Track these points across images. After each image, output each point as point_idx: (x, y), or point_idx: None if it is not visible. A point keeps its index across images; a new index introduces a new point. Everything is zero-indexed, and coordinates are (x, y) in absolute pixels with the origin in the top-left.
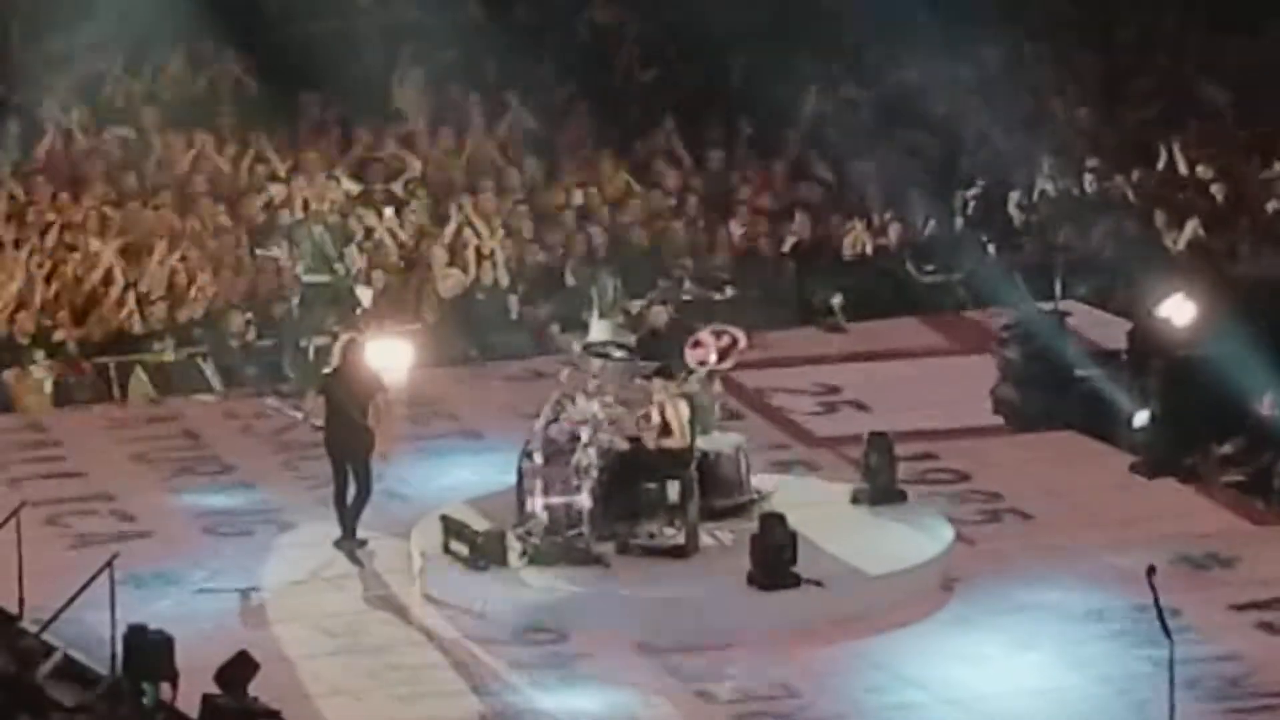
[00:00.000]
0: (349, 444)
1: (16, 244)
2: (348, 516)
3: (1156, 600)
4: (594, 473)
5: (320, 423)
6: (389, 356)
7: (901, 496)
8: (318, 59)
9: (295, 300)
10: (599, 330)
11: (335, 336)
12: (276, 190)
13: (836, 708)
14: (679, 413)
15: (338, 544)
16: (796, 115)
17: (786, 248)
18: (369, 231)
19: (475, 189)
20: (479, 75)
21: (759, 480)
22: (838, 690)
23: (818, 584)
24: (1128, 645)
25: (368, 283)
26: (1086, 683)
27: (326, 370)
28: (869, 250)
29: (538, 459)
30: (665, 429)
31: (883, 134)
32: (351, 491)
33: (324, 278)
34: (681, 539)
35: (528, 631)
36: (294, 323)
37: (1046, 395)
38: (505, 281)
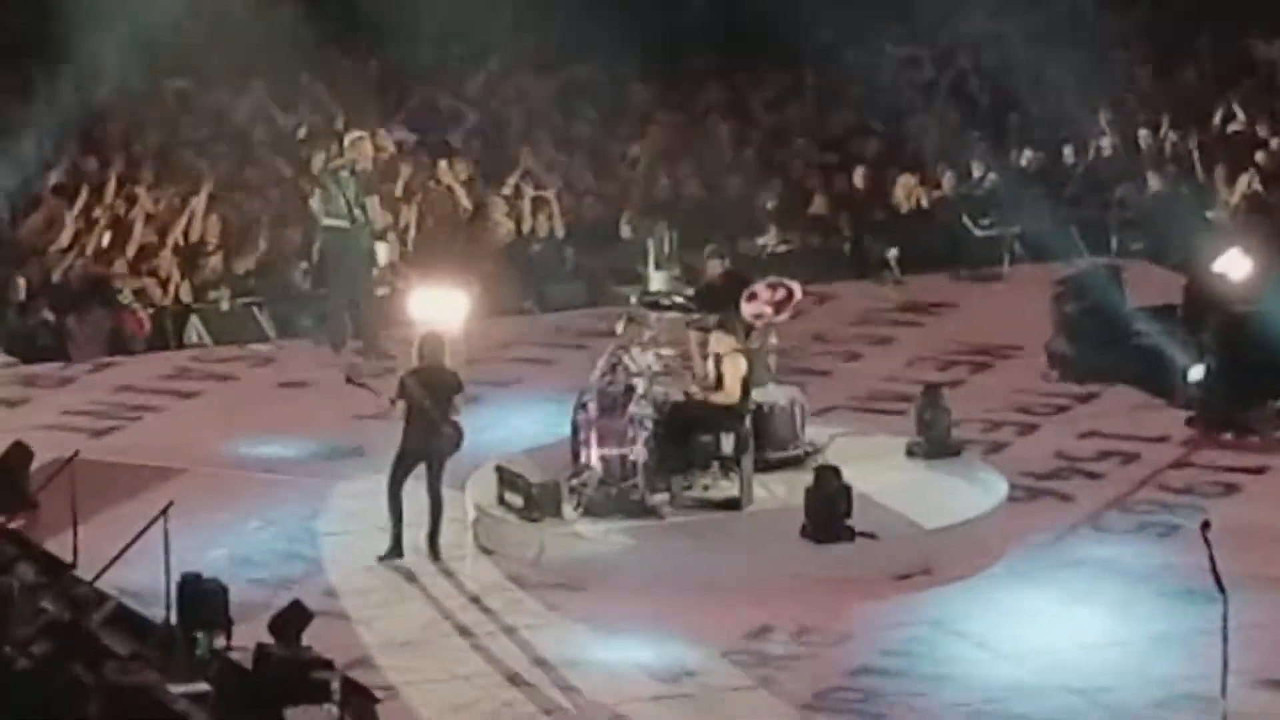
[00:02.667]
0: (430, 445)
1: (73, 193)
2: (430, 537)
3: (1211, 555)
4: (649, 425)
5: (400, 418)
6: (444, 307)
7: (956, 450)
8: (376, 8)
9: (315, 246)
10: (655, 282)
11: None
12: (333, 141)
13: (889, 662)
14: (735, 367)
15: (381, 558)
16: (855, 69)
17: (842, 202)
18: (425, 183)
19: (532, 140)
20: (540, 25)
21: (813, 433)
22: (891, 644)
23: (872, 537)
24: (1182, 600)
25: (384, 239)
26: (1141, 638)
27: (406, 371)
28: (924, 204)
29: (593, 411)
30: (719, 382)
31: (940, 88)
32: (401, 497)
33: (342, 223)
34: (736, 491)
35: (580, 582)
36: (341, 277)
37: (1101, 350)
38: (561, 233)
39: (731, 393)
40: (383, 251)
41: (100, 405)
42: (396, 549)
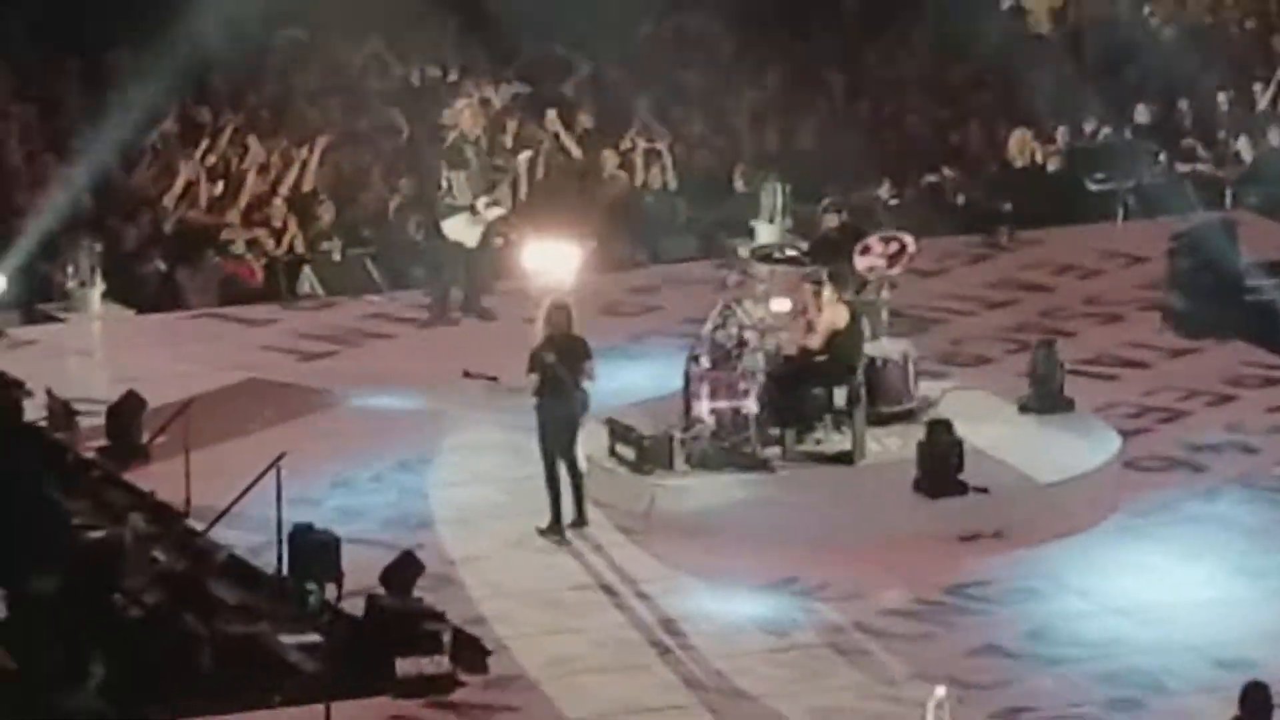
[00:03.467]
0: (567, 414)
1: (186, 144)
2: (576, 502)
3: None
4: (760, 378)
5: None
6: (556, 260)
7: (1069, 404)
8: None
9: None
10: (767, 235)
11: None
12: (447, 92)
13: (1001, 616)
14: (833, 317)
15: (542, 532)
16: (970, 22)
17: (956, 155)
18: (536, 135)
19: (644, 92)
20: None
21: (926, 387)
22: (1002, 598)
23: (984, 491)
24: None
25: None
26: (1254, 594)
27: (538, 344)
28: (1038, 158)
29: (704, 363)
30: (810, 331)
31: (1053, 42)
32: (558, 470)
33: (460, 214)
34: (848, 445)
35: (691, 536)
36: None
37: (1215, 305)
38: (674, 185)
39: (818, 337)
40: (492, 212)
41: (215, 351)
42: (557, 524)
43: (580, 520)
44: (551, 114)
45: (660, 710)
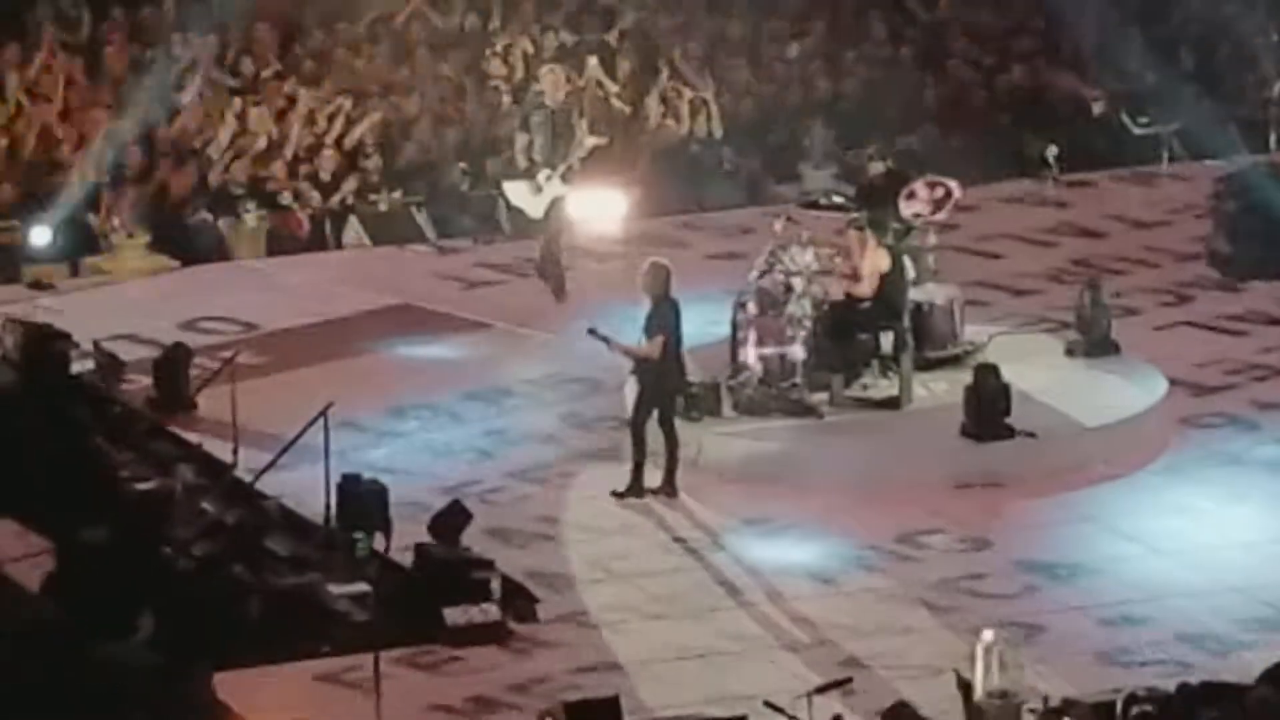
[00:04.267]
0: (668, 381)
1: (232, 92)
2: (668, 473)
3: None
4: (807, 324)
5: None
6: (600, 207)
7: (1115, 348)
8: None
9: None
10: (813, 181)
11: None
12: (500, 39)
13: (1048, 558)
14: (876, 262)
15: (619, 495)
16: None
17: (1001, 100)
18: (578, 83)
19: (687, 40)
20: None
21: (972, 331)
22: (1049, 542)
23: (1031, 435)
24: None
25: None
26: None
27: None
28: (1084, 102)
29: (751, 310)
30: (855, 277)
31: None
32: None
33: (527, 193)
34: (895, 390)
35: (740, 481)
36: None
37: (1261, 248)
38: (719, 133)
39: (867, 283)
40: (554, 188)
41: (262, 302)
42: (637, 486)
43: (670, 488)
44: (594, 62)
45: (709, 656)
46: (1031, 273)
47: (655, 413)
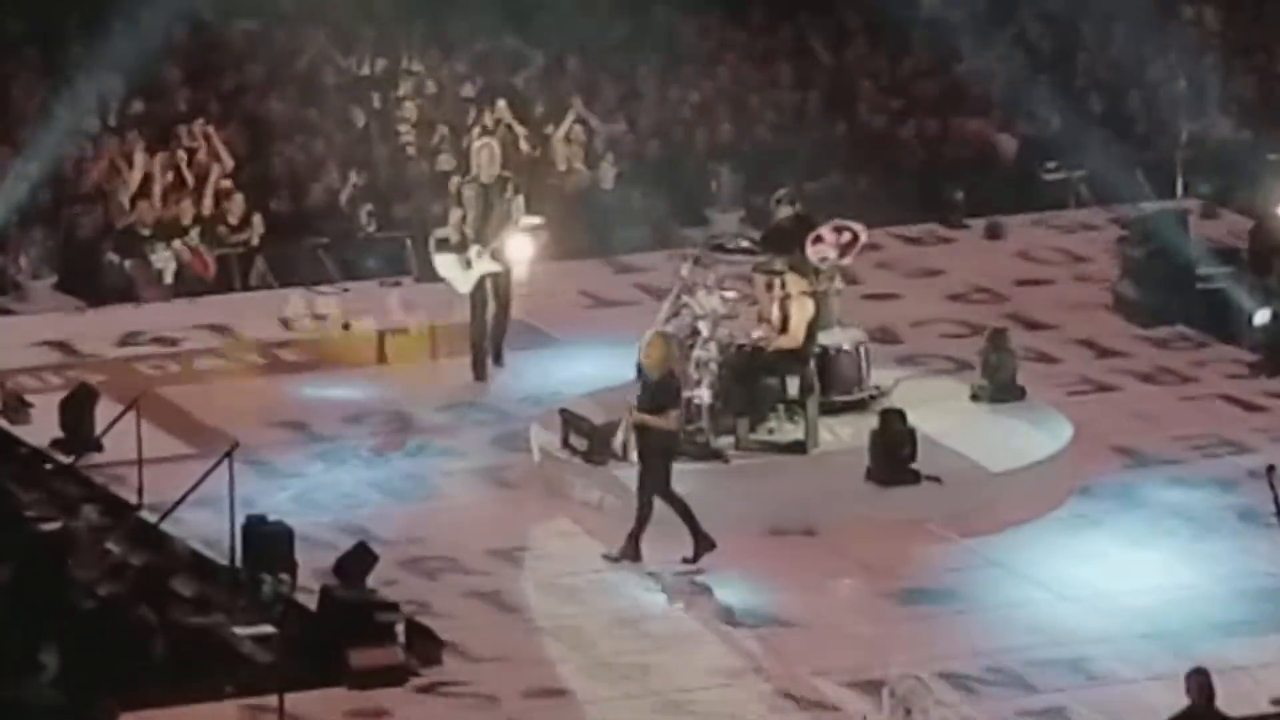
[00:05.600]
0: (672, 446)
1: (141, 134)
2: (693, 532)
3: (1276, 499)
4: (714, 367)
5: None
6: (510, 251)
7: (1021, 393)
8: None
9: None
10: (721, 225)
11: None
12: (402, 83)
13: (955, 605)
14: (802, 310)
15: (687, 560)
16: (916, 12)
17: (909, 145)
18: (486, 125)
19: (594, 83)
20: None
21: (878, 376)
22: (955, 587)
23: (937, 480)
24: (1248, 544)
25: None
26: (1206, 581)
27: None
28: (991, 147)
29: None
30: (784, 325)
31: (1001, 30)
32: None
33: (455, 266)
34: (801, 434)
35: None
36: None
37: (1167, 293)
38: (626, 176)
39: (796, 336)
40: (483, 265)
41: (167, 343)
42: (706, 542)
43: (706, 546)
44: (502, 105)
45: (609, 699)
46: (937, 317)
47: (651, 477)
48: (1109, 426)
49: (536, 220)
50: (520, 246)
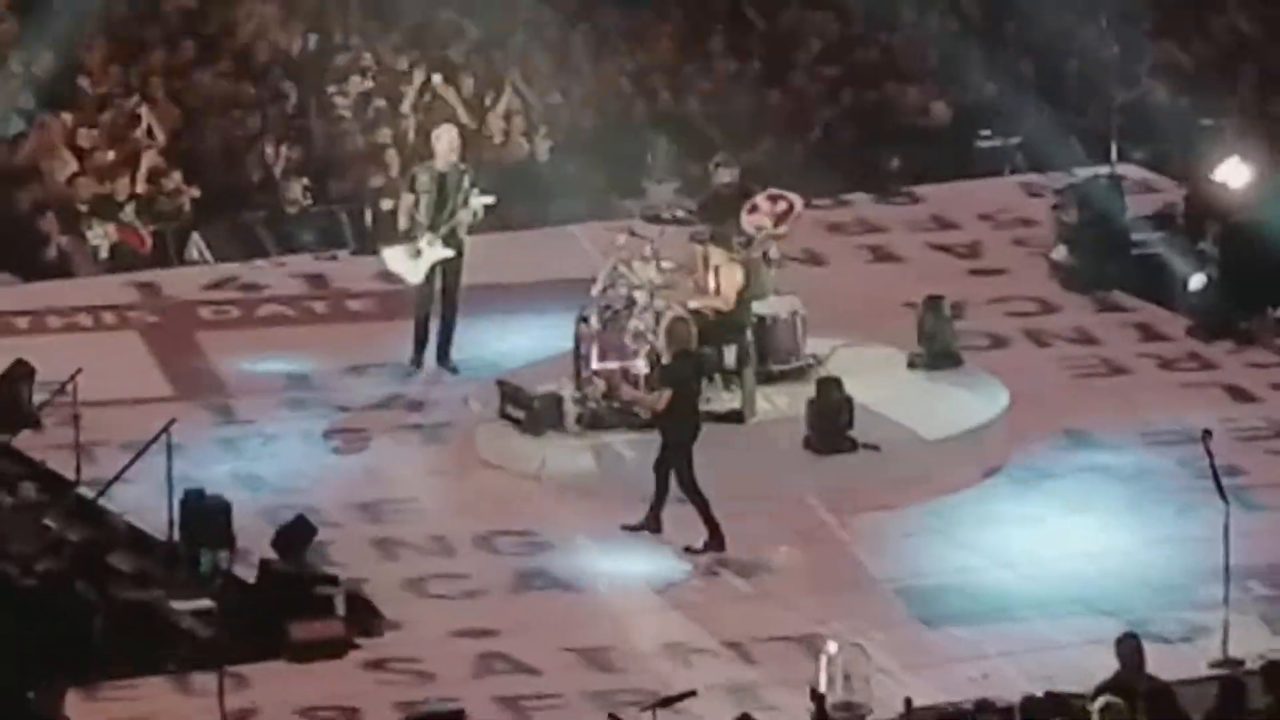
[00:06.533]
0: (693, 430)
1: (76, 109)
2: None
3: (1212, 463)
4: (650, 337)
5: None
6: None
7: (957, 360)
8: None
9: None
10: (657, 195)
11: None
12: (340, 59)
13: (891, 572)
14: (731, 277)
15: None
16: None
17: (845, 113)
18: (425, 99)
19: (530, 54)
20: None
21: (815, 345)
22: (893, 555)
23: (874, 448)
24: (1184, 509)
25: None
26: (1141, 545)
27: (668, 359)
28: (926, 114)
29: (594, 324)
30: (717, 294)
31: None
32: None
33: (407, 258)
34: (738, 404)
35: (582, 495)
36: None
37: (1102, 259)
38: (563, 147)
39: (727, 300)
40: (435, 253)
41: (103, 319)
42: (719, 540)
43: (717, 545)
44: (438, 79)
45: (550, 669)
46: (875, 285)
47: (673, 468)
48: (1046, 392)
49: (489, 200)
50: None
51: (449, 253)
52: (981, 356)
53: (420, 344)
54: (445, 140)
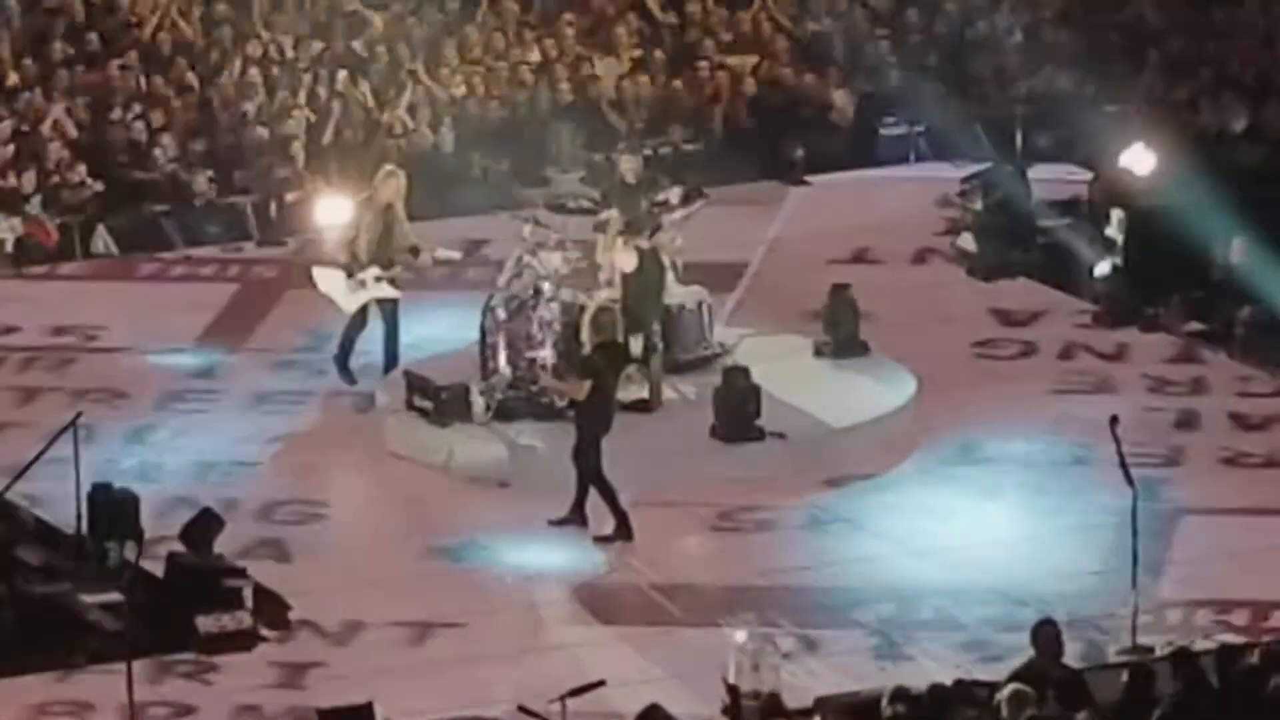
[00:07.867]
0: (608, 420)
1: None
2: (579, 502)
3: (1119, 449)
4: (557, 327)
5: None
6: (335, 214)
7: (864, 349)
8: None
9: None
10: (561, 184)
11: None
12: (248, 48)
13: (801, 561)
14: (621, 261)
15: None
16: None
17: (749, 102)
18: (330, 91)
19: (435, 45)
20: None
21: (722, 334)
22: (802, 544)
23: (781, 437)
24: (1093, 495)
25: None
26: (1051, 532)
27: (591, 350)
28: (830, 103)
29: (501, 314)
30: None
31: None
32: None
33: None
34: (645, 393)
35: (490, 485)
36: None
37: (1007, 246)
38: (467, 138)
39: (607, 279)
40: (375, 290)
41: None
42: (626, 529)
43: (624, 534)
44: (343, 74)
45: (461, 662)
46: (778, 273)
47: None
48: (952, 380)
49: (455, 255)
50: (342, 209)
51: (393, 294)
52: (888, 345)
53: (347, 360)
54: (393, 184)
